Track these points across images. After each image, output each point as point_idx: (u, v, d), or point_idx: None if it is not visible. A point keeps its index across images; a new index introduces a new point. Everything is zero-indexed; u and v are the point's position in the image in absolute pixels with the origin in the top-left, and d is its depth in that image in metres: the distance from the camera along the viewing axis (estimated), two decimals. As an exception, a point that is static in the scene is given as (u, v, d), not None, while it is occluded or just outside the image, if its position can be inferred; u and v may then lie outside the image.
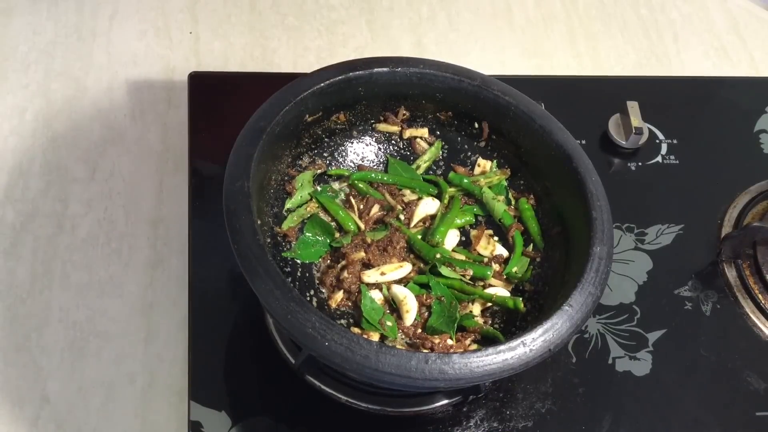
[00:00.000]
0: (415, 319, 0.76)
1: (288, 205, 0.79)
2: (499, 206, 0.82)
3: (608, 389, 0.81)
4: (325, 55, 1.04)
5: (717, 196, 0.95)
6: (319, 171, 0.82)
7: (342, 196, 0.83)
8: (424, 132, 0.85)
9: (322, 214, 0.80)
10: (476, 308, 0.78)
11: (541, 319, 0.68)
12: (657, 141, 0.98)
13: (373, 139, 0.85)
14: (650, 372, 0.82)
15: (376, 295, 0.76)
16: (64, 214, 0.87)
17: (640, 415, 0.79)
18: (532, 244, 0.81)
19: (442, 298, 0.77)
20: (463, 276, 0.79)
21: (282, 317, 0.64)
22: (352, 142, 0.84)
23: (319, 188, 0.82)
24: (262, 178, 0.75)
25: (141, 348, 0.81)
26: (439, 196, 0.84)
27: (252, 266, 0.66)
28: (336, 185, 0.83)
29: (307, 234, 0.79)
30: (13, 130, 0.92)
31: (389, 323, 0.75)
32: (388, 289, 0.77)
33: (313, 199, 0.81)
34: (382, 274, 0.77)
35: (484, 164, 0.84)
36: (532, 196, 0.83)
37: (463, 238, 0.83)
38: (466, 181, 0.83)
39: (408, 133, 0.85)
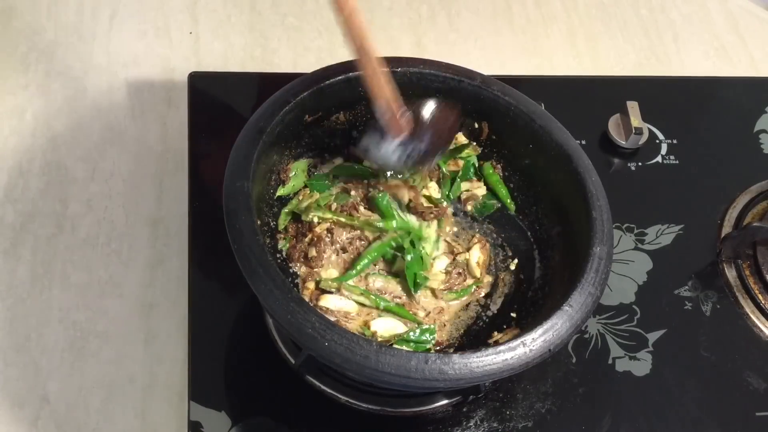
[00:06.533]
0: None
1: (280, 192, 0.79)
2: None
3: (608, 389, 0.81)
4: (325, 55, 1.04)
5: (717, 196, 0.95)
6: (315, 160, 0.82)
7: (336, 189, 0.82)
8: (423, 132, 0.85)
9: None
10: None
11: (541, 319, 0.68)
12: (657, 141, 0.98)
13: (373, 139, 0.85)
14: (650, 372, 0.82)
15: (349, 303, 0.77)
16: (64, 214, 0.87)
17: (640, 415, 0.79)
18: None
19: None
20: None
21: (282, 317, 0.65)
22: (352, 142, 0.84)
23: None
24: (262, 178, 0.75)
25: (141, 348, 0.81)
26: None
27: (252, 266, 0.66)
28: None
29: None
30: (13, 130, 0.92)
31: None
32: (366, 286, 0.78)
33: (307, 188, 0.81)
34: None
35: (460, 139, 0.84)
36: (500, 164, 0.84)
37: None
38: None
39: (408, 133, 0.85)
